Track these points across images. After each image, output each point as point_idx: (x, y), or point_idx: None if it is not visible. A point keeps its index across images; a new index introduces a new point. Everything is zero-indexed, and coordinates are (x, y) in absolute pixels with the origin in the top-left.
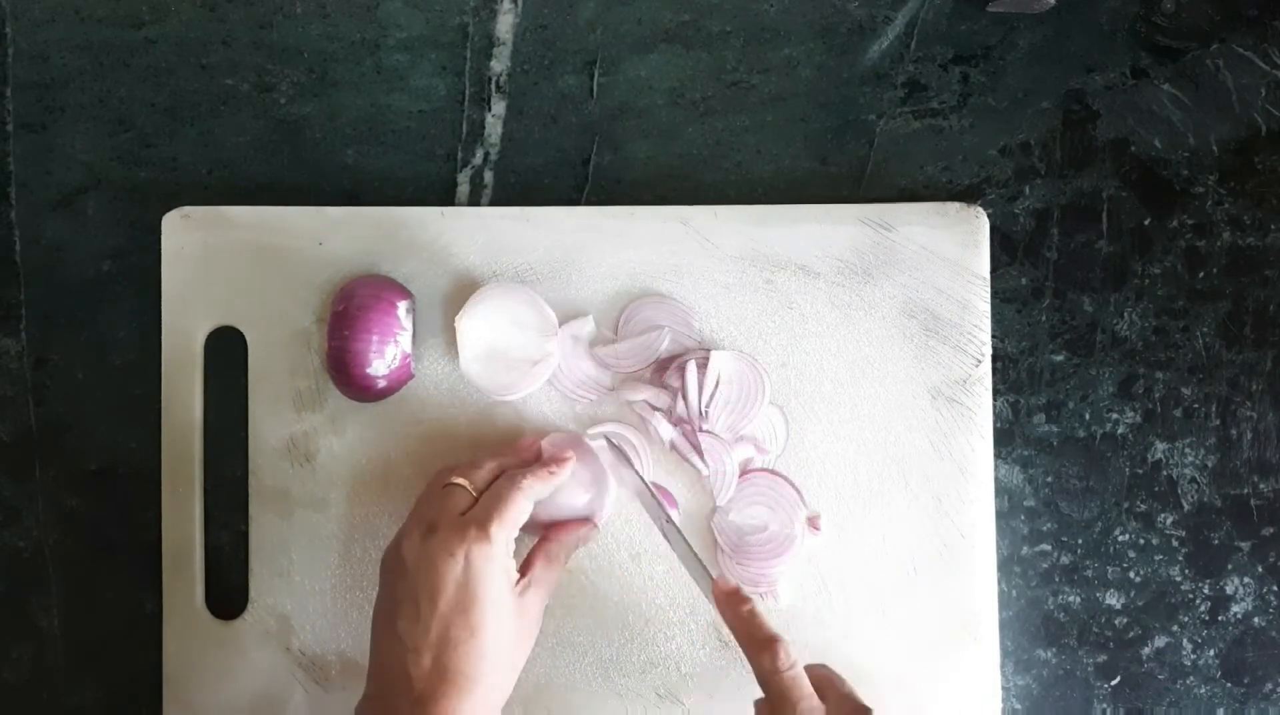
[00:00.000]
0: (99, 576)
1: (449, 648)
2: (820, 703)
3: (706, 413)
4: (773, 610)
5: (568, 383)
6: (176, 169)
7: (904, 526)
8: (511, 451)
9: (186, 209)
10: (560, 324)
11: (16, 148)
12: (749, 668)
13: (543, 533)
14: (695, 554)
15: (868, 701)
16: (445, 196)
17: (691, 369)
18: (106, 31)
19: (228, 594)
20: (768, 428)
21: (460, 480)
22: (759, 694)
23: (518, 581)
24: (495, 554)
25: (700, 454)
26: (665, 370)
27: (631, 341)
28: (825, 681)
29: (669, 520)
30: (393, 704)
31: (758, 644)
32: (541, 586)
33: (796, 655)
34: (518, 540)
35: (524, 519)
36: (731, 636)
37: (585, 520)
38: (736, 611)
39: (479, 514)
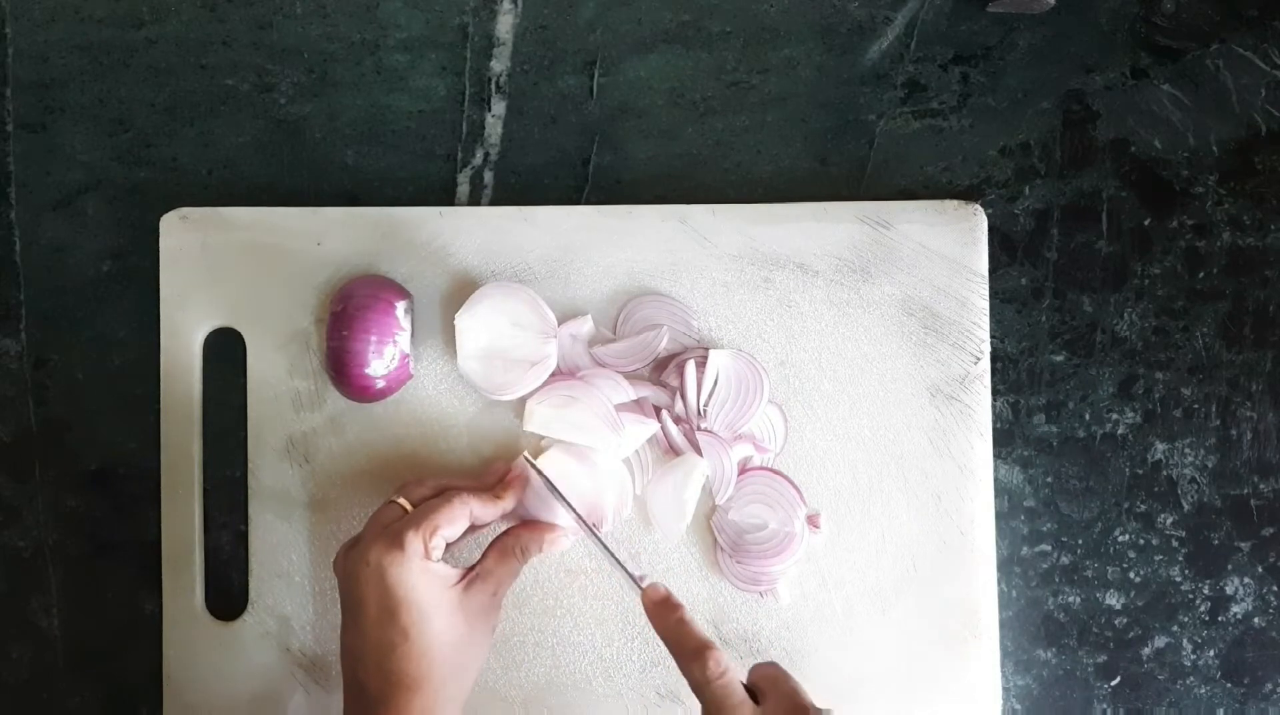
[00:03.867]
0: (99, 576)
1: (387, 652)
2: (754, 708)
3: (705, 411)
4: (773, 609)
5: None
6: (176, 169)
7: (904, 524)
8: (472, 476)
9: (184, 210)
10: (559, 323)
11: (16, 148)
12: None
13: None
14: (622, 565)
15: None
16: (445, 197)
17: (690, 368)
18: (106, 31)
19: (228, 595)
20: (766, 426)
21: (399, 497)
22: None
23: (461, 578)
24: (408, 558)
25: (699, 452)
26: (664, 369)
27: (630, 340)
28: (769, 681)
29: (592, 532)
30: (356, 711)
31: (688, 653)
32: (491, 579)
33: (728, 662)
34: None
35: (452, 530)
36: (732, 635)
37: (555, 526)
38: (665, 621)
39: (398, 525)
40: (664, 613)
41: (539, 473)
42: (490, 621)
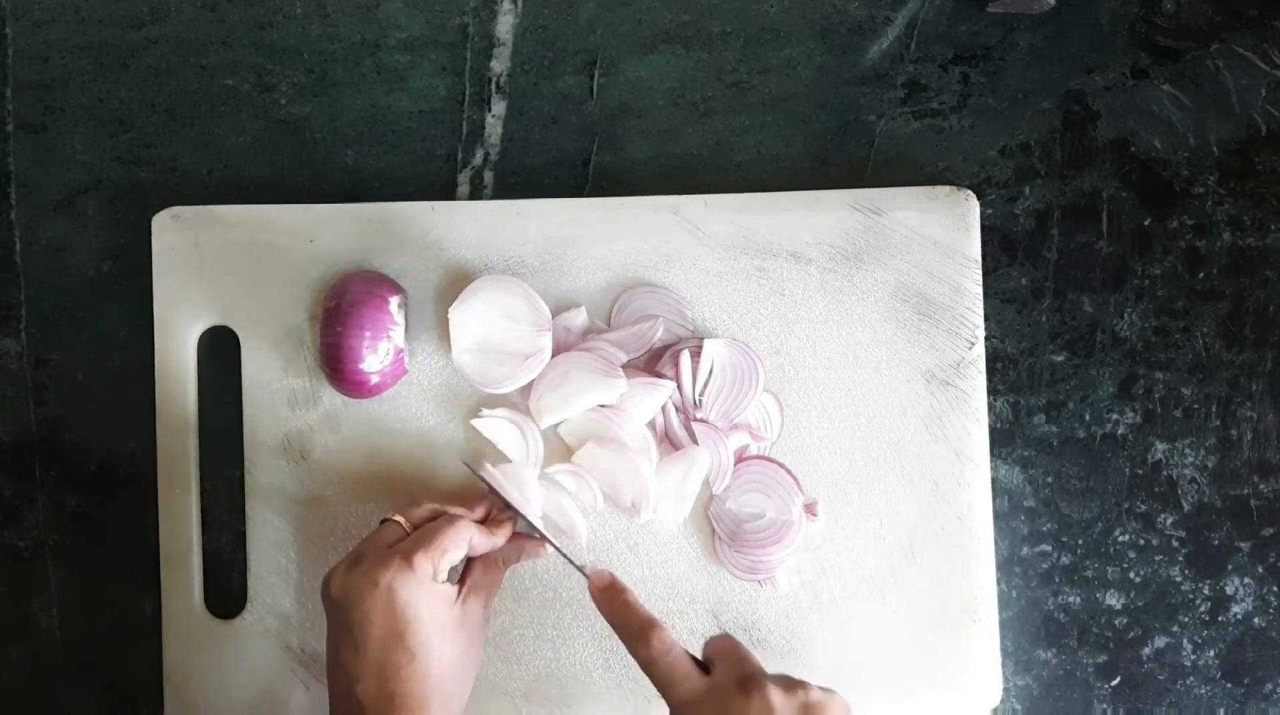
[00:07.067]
0: (99, 576)
1: (392, 673)
2: (702, 679)
3: (700, 401)
4: (772, 597)
5: None
6: (176, 169)
7: (901, 511)
8: (460, 502)
9: (176, 209)
10: (553, 316)
11: (16, 148)
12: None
13: None
14: (565, 555)
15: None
16: (445, 197)
17: (685, 358)
18: (106, 31)
19: (227, 593)
20: (762, 415)
21: (396, 516)
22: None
23: (457, 595)
24: (420, 579)
25: (695, 442)
26: (659, 360)
27: (624, 332)
28: (719, 652)
29: (531, 526)
30: None
31: (634, 634)
32: (481, 590)
33: (673, 639)
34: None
35: (457, 554)
36: (731, 624)
37: (533, 538)
38: (611, 605)
39: (406, 545)
40: (610, 597)
41: (481, 479)
42: (485, 634)
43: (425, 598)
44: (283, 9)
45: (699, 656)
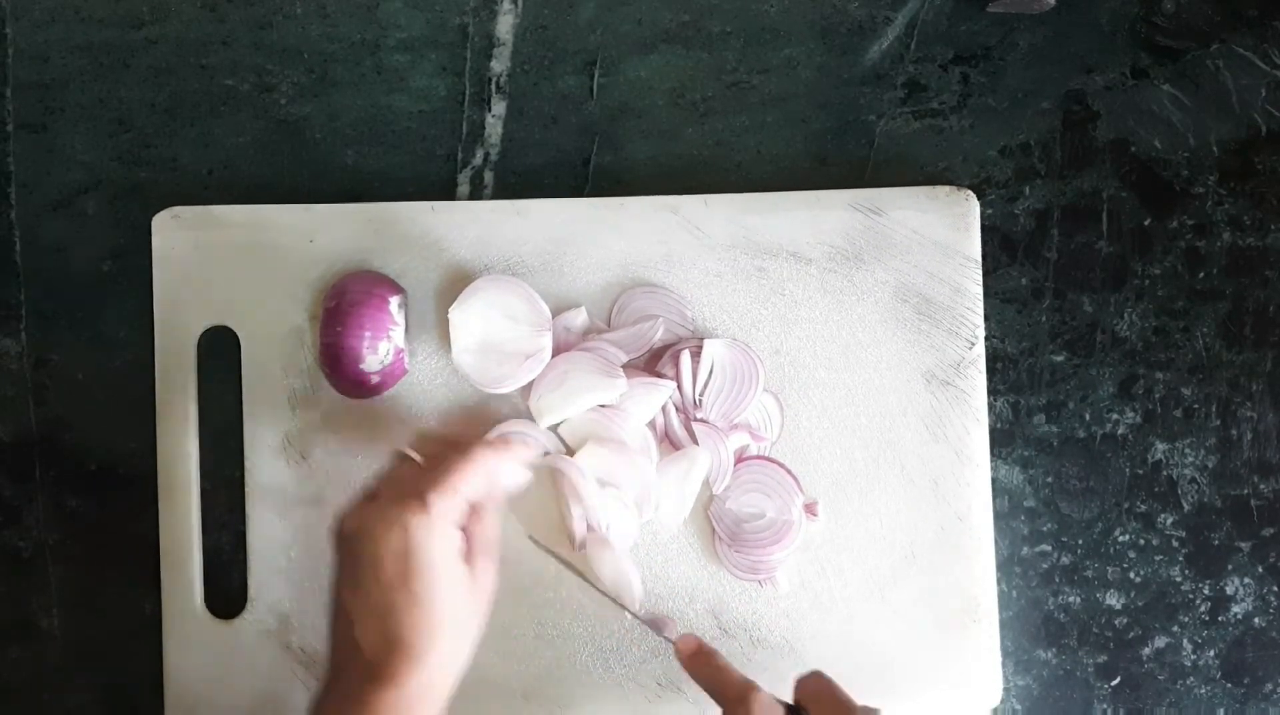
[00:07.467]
0: (99, 576)
1: (393, 617)
2: None
3: (700, 401)
4: (772, 597)
5: None
6: (176, 169)
7: (901, 511)
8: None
9: (176, 209)
10: (553, 316)
11: (16, 148)
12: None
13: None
14: (648, 624)
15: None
16: (445, 197)
17: (685, 358)
18: (106, 31)
19: (227, 593)
20: (762, 415)
21: (410, 451)
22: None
23: (466, 551)
24: (434, 522)
25: (695, 442)
26: (659, 360)
27: (625, 332)
28: (812, 696)
29: (613, 600)
30: (346, 676)
31: (732, 700)
32: (486, 547)
33: (770, 697)
34: None
35: (472, 490)
36: (731, 624)
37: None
38: (703, 669)
39: (421, 484)
40: (701, 661)
41: (555, 556)
42: (489, 597)
43: (438, 542)
44: (283, 9)
45: (791, 701)
